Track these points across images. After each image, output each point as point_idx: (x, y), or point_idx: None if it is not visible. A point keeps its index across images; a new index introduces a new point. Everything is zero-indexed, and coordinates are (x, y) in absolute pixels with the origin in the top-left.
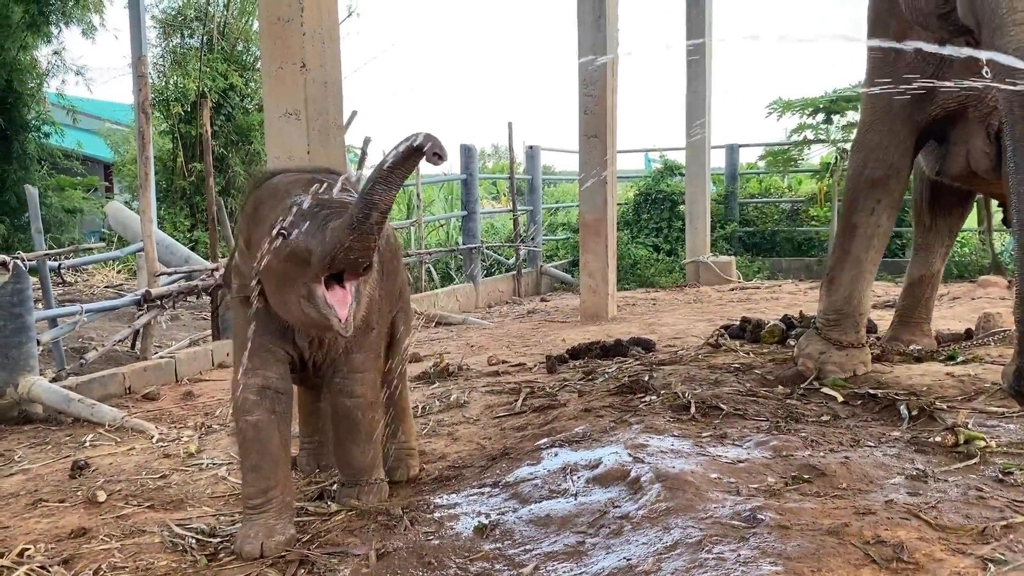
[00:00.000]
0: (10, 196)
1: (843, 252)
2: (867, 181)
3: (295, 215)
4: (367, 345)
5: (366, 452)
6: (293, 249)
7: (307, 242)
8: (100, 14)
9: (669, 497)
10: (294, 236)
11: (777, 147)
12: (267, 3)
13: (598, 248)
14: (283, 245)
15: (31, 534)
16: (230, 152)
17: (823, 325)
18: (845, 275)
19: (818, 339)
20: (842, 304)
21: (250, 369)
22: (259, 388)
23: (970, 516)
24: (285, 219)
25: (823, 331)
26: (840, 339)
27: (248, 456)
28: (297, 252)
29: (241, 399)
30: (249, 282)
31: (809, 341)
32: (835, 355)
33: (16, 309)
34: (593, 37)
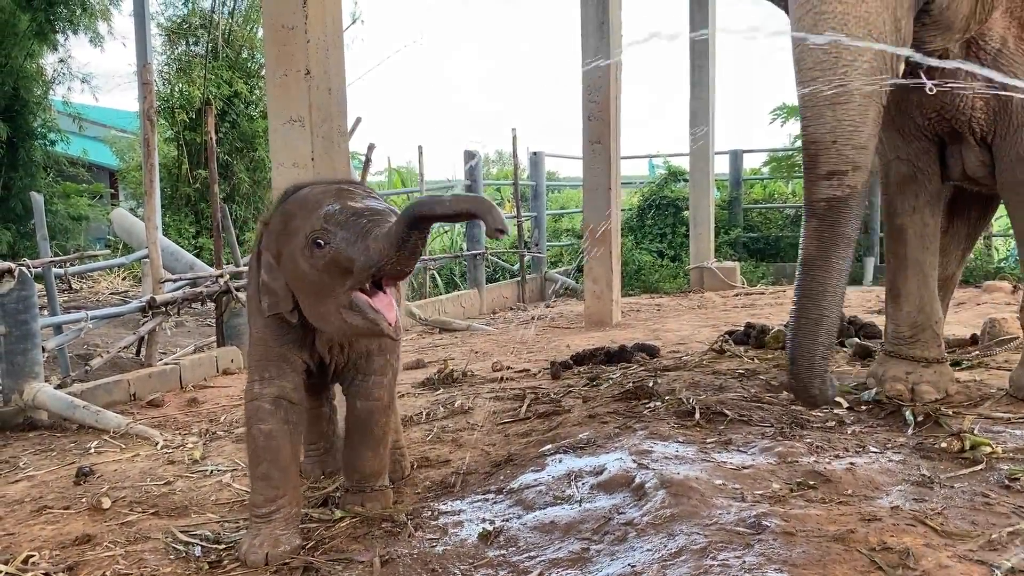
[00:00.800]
0: (16, 203)
1: (900, 259)
2: (897, 181)
3: (332, 224)
4: (388, 347)
5: (377, 457)
6: (333, 258)
7: (348, 251)
8: (108, 22)
9: (673, 503)
10: (332, 245)
11: (781, 152)
12: (271, 10)
13: (602, 254)
14: (321, 255)
15: (36, 541)
16: (235, 159)
17: (899, 343)
18: (910, 283)
19: (897, 360)
20: (916, 315)
21: (266, 379)
22: (274, 398)
23: (976, 522)
24: (321, 228)
25: (901, 350)
26: (924, 355)
27: (258, 464)
28: (337, 261)
29: (255, 408)
30: (282, 297)
31: (886, 365)
32: (925, 374)
33: (21, 316)
34: (596, 43)
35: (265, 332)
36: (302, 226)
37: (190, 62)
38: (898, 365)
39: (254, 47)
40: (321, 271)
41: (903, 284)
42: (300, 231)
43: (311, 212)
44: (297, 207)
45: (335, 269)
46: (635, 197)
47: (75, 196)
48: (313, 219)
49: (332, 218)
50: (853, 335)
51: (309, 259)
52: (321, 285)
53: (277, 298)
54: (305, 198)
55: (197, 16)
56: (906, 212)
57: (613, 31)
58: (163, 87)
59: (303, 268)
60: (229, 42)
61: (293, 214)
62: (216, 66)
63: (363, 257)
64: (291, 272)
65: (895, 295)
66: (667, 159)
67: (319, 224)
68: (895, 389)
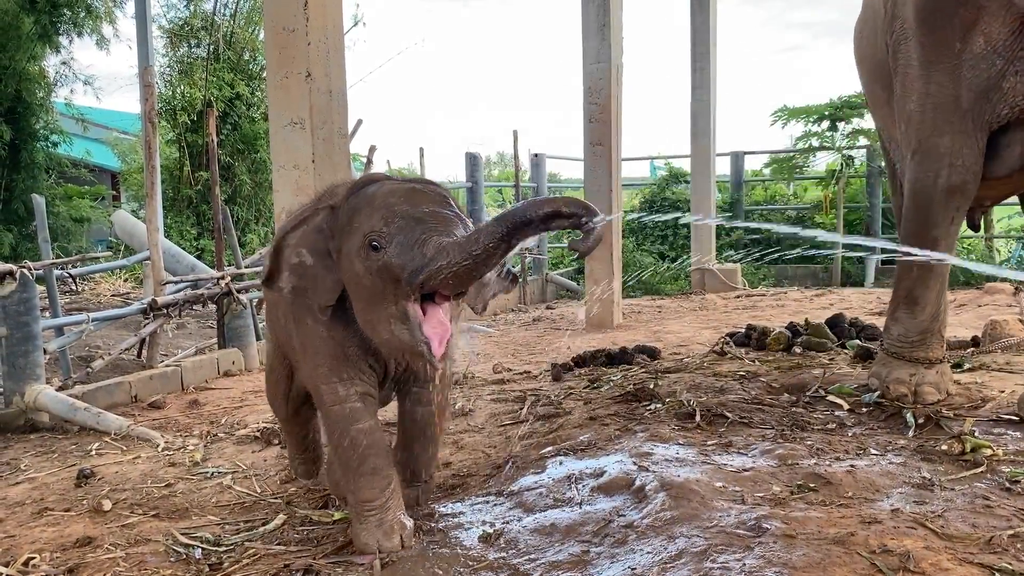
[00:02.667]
0: (18, 205)
1: (926, 269)
2: (944, 190)
3: (391, 227)
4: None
5: (433, 456)
6: (385, 264)
7: (399, 258)
8: (112, 24)
9: (674, 506)
10: (387, 250)
11: (782, 154)
12: (272, 12)
13: (603, 256)
14: (375, 258)
15: (36, 543)
16: (236, 161)
17: (905, 346)
18: (931, 293)
19: (900, 361)
20: (928, 323)
21: (346, 379)
22: (361, 395)
23: (977, 525)
24: (380, 230)
25: (904, 352)
26: (928, 356)
27: (365, 461)
28: (389, 268)
29: (348, 410)
30: (326, 290)
31: (890, 366)
32: (928, 375)
33: (23, 318)
34: (598, 45)
35: (331, 333)
36: (362, 225)
37: (192, 64)
38: (902, 367)
39: (255, 49)
40: (374, 276)
41: (924, 293)
42: (360, 230)
43: (374, 211)
44: (364, 203)
45: (387, 276)
46: (636, 199)
47: (77, 198)
48: (374, 219)
49: (392, 221)
50: (854, 337)
51: (364, 261)
52: (373, 291)
53: (312, 287)
54: (373, 196)
55: (199, 18)
56: (944, 223)
57: (614, 33)
58: (165, 89)
59: (358, 269)
60: (231, 44)
61: (358, 210)
62: (217, 68)
63: (411, 266)
64: (347, 271)
65: (912, 301)
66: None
67: (378, 225)
68: (898, 391)
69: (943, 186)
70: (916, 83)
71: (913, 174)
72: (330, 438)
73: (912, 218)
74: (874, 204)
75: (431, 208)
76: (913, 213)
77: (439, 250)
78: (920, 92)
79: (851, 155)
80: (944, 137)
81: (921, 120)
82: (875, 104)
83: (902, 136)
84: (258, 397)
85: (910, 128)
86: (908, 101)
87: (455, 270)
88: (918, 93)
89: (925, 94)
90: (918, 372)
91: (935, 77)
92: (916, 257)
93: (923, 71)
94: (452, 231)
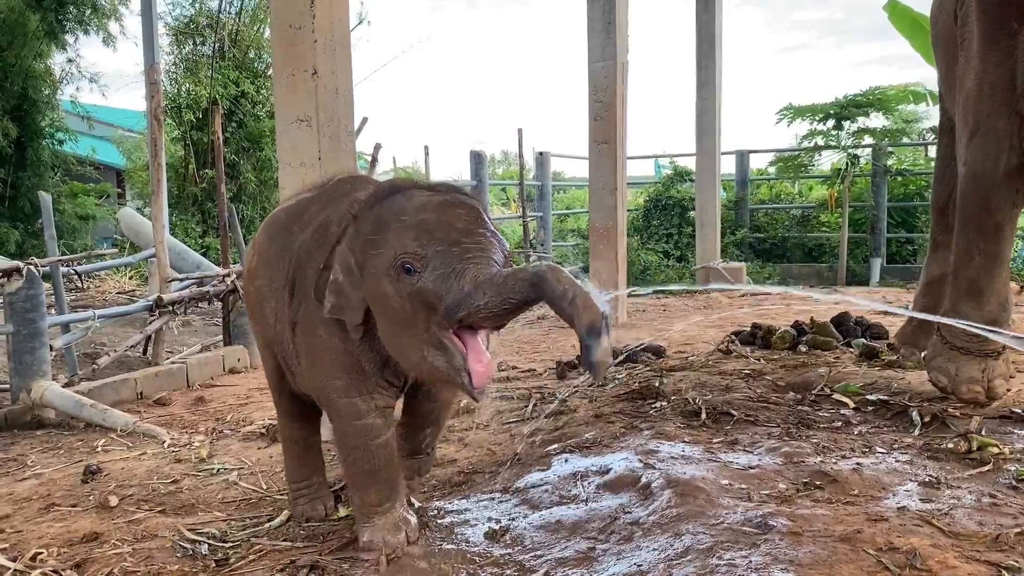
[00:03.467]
0: (24, 202)
1: (991, 257)
2: (1005, 172)
3: (427, 249)
4: None
5: (435, 434)
6: (420, 289)
7: (437, 287)
8: (119, 22)
9: (680, 503)
10: (422, 275)
11: (787, 153)
12: (279, 10)
13: (608, 254)
14: (408, 282)
15: (44, 538)
16: (241, 159)
17: (972, 340)
18: (998, 281)
19: (968, 356)
20: (997, 313)
21: (364, 393)
22: (381, 409)
23: (984, 523)
24: (413, 252)
25: (972, 347)
26: (997, 348)
27: (379, 472)
28: (424, 294)
29: (368, 425)
30: (354, 308)
31: (958, 362)
32: (999, 367)
33: (30, 315)
34: (603, 42)
35: (347, 346)
36: (393, 242)
37: (197, 62)
38: (971, 363)
39: (261, 47)
40: (405, 299)
41: (990, 281)
42: (390, 247)
43: (405, 228)
44: (393, 216)
45: (420, 302)
46: (641, 197)
47: (82, 195)
48: (406, 238)
49: (427, 242)
50: (860, 336)
51: (395, 282)
52: (403, 315)
53: (347, 306)
54: (403, 209)
55: (204, 16)
56: (1006, 207)
57: (620, 31)
58: (170, 87)
59: (387, 290)
60: (236, 42)
61: (386, 224)
62: (223, 66)
63: (452, 300)
64: (372, 289)
65: (977, 292)
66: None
67: (412, 246)
68: (972, 391)
69: (1003, 169)
70: (975, 60)
71: (971, 157)
72: (342, 448)
73: (971, 203)
74: (879, 203)
75: (466, 226)
76: (972, 197)
77: (478, 286)
78: (978, 70)
79: (856, 154)
80: (1001, 120)
81: (978, 99)
82: (949, 88)
83: (958, 114)
84: (263, 394)
85: (967, 106)
86: (967, 78)
87: (495, 311)
88: (976, 71)
89: (983, 72)
90: (987, 365)
91: (992, 56)
92: None
93: (982, 48)
94: (490, 257)
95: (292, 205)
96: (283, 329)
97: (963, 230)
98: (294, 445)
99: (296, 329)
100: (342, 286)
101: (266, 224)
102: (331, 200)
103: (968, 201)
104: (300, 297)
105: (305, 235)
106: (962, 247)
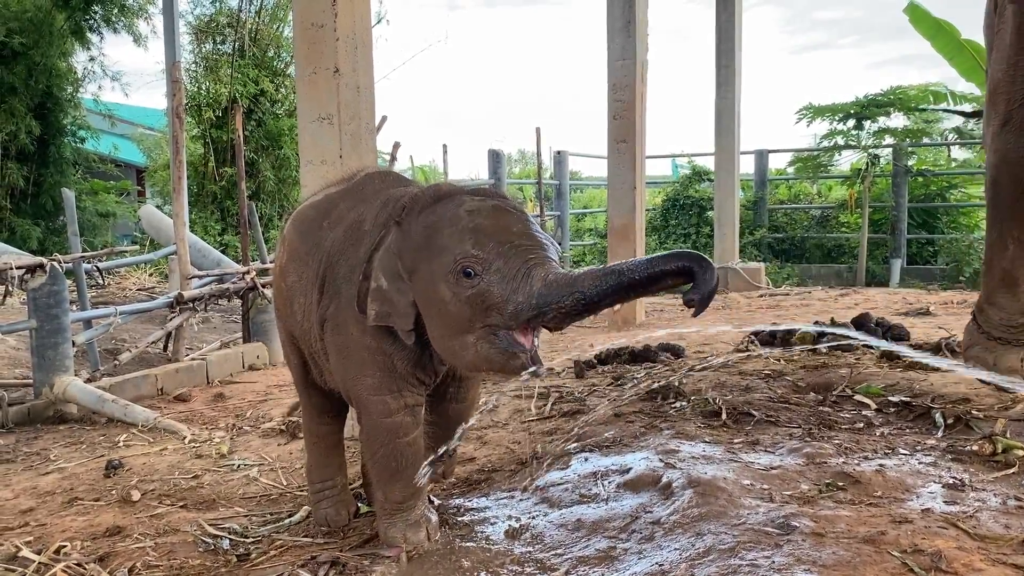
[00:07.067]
0: (46, 200)
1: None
2: None
3: (488, 252)
4: None
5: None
6: (481, 292)
7: (501, 289)
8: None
9: (701, 503)
10: (484, 278)
11: (807, 153)
12: (301, 8)
13: (626, 253)
14: (468, 285)
15: (68, 532)
16: (260, 157)
17: (1009, 330)
18: None
19: (1006, 347)
20: None
21: (394, 391)
22: (411, 407)
23: (1010, 526)
24: (473, 255)
25: (1009, 336)
26: None
27: (406, 471)
28: (485, 297)
29: (397, 424)
30: (402, 313)
31: (996, 352)
32: None
33: (53, 311)
34: (623, 42)
35: (380, 344)
36: (450, 247)
37: (217, 60)
38: (1009, 353)
39: (280, 46)
40: (464, 303)
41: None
42: (447, 252)
43: (463, 233)
44: (446, 222)
45: (480, 304)
46: (659, 197)
47: (103, 193)
48: (466, 242)
49: (485, 245)
50: (881, 337)
51: (454, 286)
52: (460, 317)
53: (393, 312)
54: (456, 216)
55: (224, 15)
56: None
57: (640, 30)
58: (190, 85)
59: (443, 295)
60: (255, 41)
61: (439, 229)
62: (243, 64)
63: (519, 301)
64: (425, 294)
65: (1012, 283)
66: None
67: (471, 249)
68: None
69: None
70: (1008, 51)
71: (1002, 144)
72: (369, 445)
73: (1004, 190)
74: (900, 203)
75: (522, 229)
76: (1005, 185)
77: (547, 286)
78: (1011, 61)
79: (877, 154)
80: None
81: (1010, 90)
82: None
83: (987, 103)
84: (283, 391)
85: (997, 95)
86: (998, 67)
87: (565, 312)
88: (1008, 62)
89: (1016, 66)
90: None
91: None
92: None
93: (1015, 38)
94: (549, 258)
95: (320, 201)
96: (311, 326)
97: (995, 219)
98: (319, 442)
99: (325, 326)
100: (388, 293)
101: (294, 221)
102: (361, 198)
103: (1000, 189)
104: (330, 295)
105: (336, 233)
106: (995, 236)
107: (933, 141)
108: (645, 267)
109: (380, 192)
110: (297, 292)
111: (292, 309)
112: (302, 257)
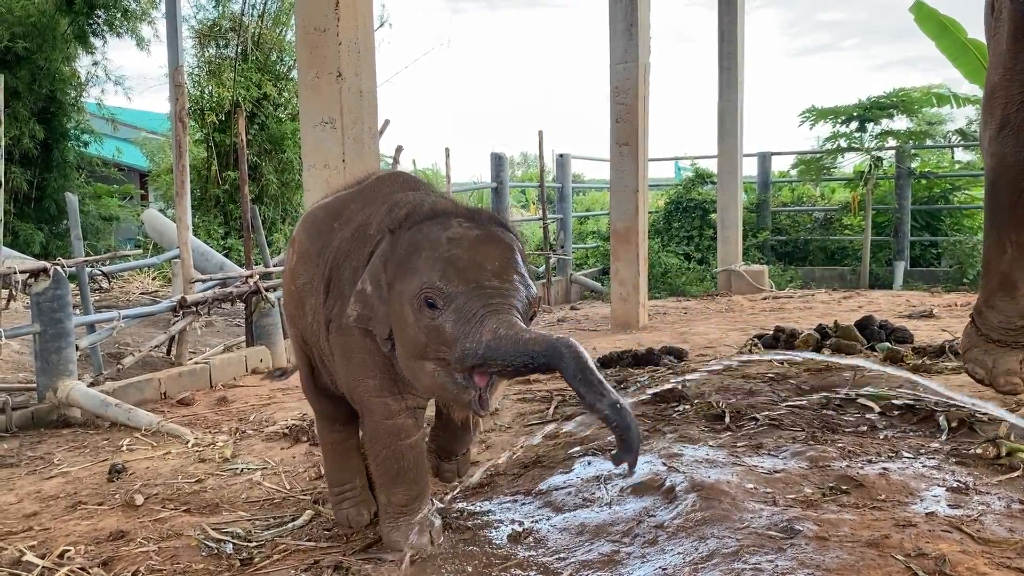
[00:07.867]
0: (49, 204)
1: (1022, 249)
2: None
3: (453, 287)
4: None
5: (469, 438)
6: (438, 326)
7: (455, 329)
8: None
9: (704, 507)
10: (443, 314)
11: (810, 155)
12: (303, 13)
13: (629, 256)
14: (428, 316)
15: (71, 536)
16: (263, 161)
17: (1008, 333)
18: None
19: (1005, 349)
20: None
21: (396, 393)
22: (412, 409)
23: (1014, 529)
24: (438, 287)
25: (1008, 339)
26: None
27: (408, 473)
28: (441, 332)
29: (398, 425)
30: (380, 321)
31: (994, 355)
32: None
33: (56, 314)
34: (625, 45)
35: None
36: (420, 272)
37: (220, 64)
38: (1008, 355)
39: (283, 50)
40: (422, 331)
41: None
42: (417, 277)
43: (436, 261)
44: (426, 244)
45: (436, 338)
46: (662, 199)
47: (106, 197)
48: (434, 271)
49: (452, 280)
50: (884, 339)
51: (416, 312)
52: (418, 343)
53: (373, 317)
54: (437, 239)
55: (227, 19)
56: None
57: (642, 32)
58: (193, 89)
59: (407, 317)
60: (258, 45)
61: (419, 250)
62: (246, 68)
63: (467, 347)
64: (395, 310)
65: (1010, 286)
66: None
67: (437, 280)
68: (1010, 383)
69: None
70: (1004, 56)
71: (1000, 148)
72: (372, 447)
73: (1001, 194)
74: (903, 206)
75: (496, 268)
76: (1002, 189)
77: (496, 339)
78: (1007, 67)
79: (880, 156)
80: None
81: (1007, 95)
82: None
83: (984, 107)
84: (286, 395)
85: (994, 98)
86: (995, 72)
87: (506, 368)
88: (1004, 67)
89: (1012, 70)
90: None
91: (1022, 55)
92: None
93: (1012, 45)
94: (513, 306)
95: (331, 202)
96: (319, 327)
97: (993, 222)
98: (334, 448)
99: (330, 327)
100: (370, 298)
101: (304, 223)
102: (371, 200)
103: (998, 192)
104: (336, 295)
105: (344, 233)
106: (993, 240)
107: (936, 143)
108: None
109: (390, 195)
110: (308, 294)
111: (304, 311)
112: (312, 258)
